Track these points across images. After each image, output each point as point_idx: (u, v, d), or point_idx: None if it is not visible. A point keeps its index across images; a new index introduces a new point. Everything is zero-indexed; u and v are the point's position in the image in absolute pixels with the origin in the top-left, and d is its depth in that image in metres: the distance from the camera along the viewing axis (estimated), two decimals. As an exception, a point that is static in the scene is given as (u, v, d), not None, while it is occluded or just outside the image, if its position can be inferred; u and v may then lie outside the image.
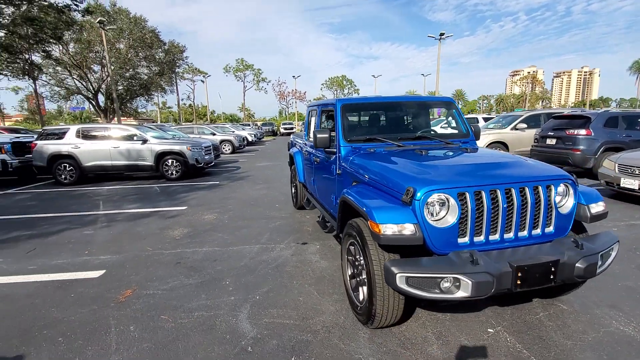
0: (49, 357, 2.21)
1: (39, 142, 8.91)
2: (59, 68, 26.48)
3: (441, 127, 3.87)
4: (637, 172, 5.32)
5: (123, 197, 7.27)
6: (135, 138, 9.06)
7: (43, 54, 20.08)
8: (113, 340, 2.38)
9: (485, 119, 13.15)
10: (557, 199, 2.28)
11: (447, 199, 2.08)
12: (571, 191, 2.32)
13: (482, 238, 2.15)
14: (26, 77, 19.42)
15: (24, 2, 16.15)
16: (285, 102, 52.80)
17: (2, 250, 4.18)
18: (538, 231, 2.25)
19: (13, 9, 16.11)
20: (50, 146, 8.83)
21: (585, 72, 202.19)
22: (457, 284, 1.89)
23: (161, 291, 3.09)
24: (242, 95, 48.86)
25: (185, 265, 3.64)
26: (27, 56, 18.70)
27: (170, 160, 9.11)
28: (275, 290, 3.04)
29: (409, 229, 2.03)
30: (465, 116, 16.00)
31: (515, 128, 9.68)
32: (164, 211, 5.97)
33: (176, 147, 9.11)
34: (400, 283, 1.92)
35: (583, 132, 7.32)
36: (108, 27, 23.52)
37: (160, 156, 9.08)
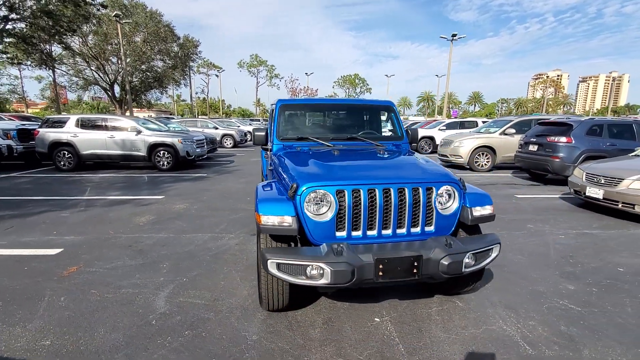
0: (-19, 318, 2.53)
1: (41, 130, 9.47)
2: (78, 59, 27.58)
3: (388, 129, 4.02)
4: (602, 182, 5.32)
5: (111, 185, 7.70)
6: (129, 129, 9.50)
7: (62, 45, 21.03)
8: (41, 308, 2.69)
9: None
10: (441, 200, 2.43)
11: (326, 195, 2.27)
12: (456, 194, 2.47)
13: (359, 233, 2.33)
14: (44, 67, 20.33)
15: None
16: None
17: (-18, 227, 4.59)
18: (417, 229, 2.41)
19: (33, 2, 16.96)
20: (51, 134, 9.37)
21: (613, 77, 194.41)
22: (321, 271, 2.09)
23: (103, 269, 3.39)
24: (255, 91, 49.44)
25: (135, 248, 3.94)
26: (44, 47, 19.58)
27: (162, 152, 9.51)
28: (203, 275, 3.29)
29: (287, 221, 2.23)
30: (467, 119, 15.83)
31: (504, 133, 9.62)
32: (141, 199, 6.32)
33: (168, 139, 9.51)
34: (272, 268, 2.13)
35: (564, 139, 7.27)
36: (124, 21, 24.31)
37: (153, 147, 9.49)
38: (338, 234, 2.31)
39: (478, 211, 2.49)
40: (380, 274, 2.13)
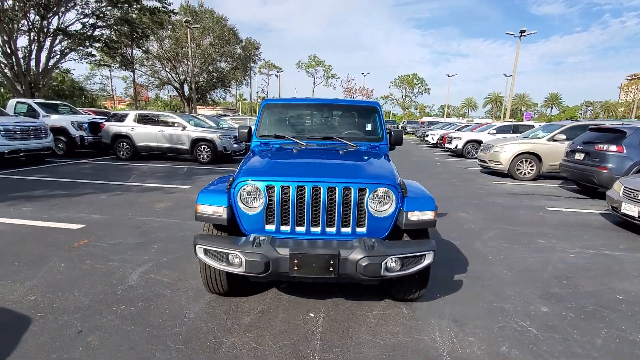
0: (0, 269, 3.13)
1: (107, 123, 10.90)
2: (156, 61, 30.94)
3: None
4: (639, 198, 4.61)
5: (153, 174, 8.62)
6: (176, 125, 10.49)
7: (142, 49, 23.80)
8: (43, 270, 3.22)
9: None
10: (374, 202, 2.40)
11: (257, 190, 2.39)
12: (392, 197, 2.42)
13: (287, 228, 2.41)
14: (124, 68, 23.18)
15: (125, 5, 19.36)
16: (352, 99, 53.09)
17: (38, 202, 5.53)
18: (348, 230, 2.41)
19: (117, 11, 19.43)
20: (114, 127, 10.74)
21: None
22: (240, 260, 2.23)
23: (105, 245, 3.90)
24: (312, 91, 50.51)
25: (141, 230, 4.44)
26: (125, 51, 22.31)
27: (203, 146, 10.35)
28: (183, 257, 3.62)
29: (218, 211, 2.41)
30: (522, 123, 14.51)
31: (553, 139, 8.68)
32: (170, 188, 7.00)
33: (208, 135, 10.31)
34: (200, 253, 2.33)
35: (614, 148, 6.36)
36: (193, 26, 26.63)
37: (195, 142, 10.37)
38: (267, 227, 2.42)
39: (416, 215, 2.40)
40: (295, 268, 2.20)
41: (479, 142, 13.88)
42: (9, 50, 17.77)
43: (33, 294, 2.79)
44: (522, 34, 24.24)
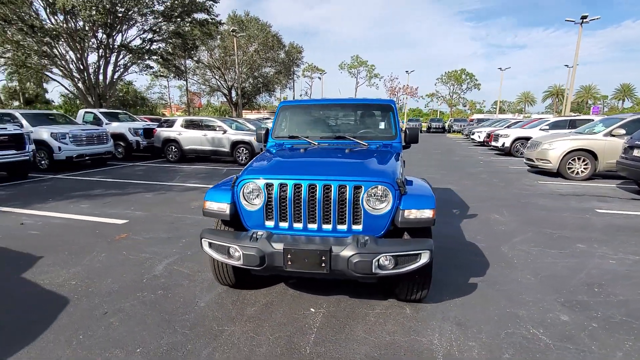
0: (52, 257, 3.61)
1: (158, 129, 11.89)
2: (207, 70, 32.99)
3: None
4: None
5: (195, 175, 9.24)
6: (217, 129, 11.13)
7: (194, 59, 25.56)
8: (86, 259, 3.65)
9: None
10: (370, 200, 2.40)
11: (258, 187, 2.52)
12: (389, 195, 2.40)
13: (286, 224, 2.51)
14: (177, 77, 25.05)
15: (178, 19, 20.96)
16: (396, 98, 51.90)
17: (94, 200, 6.24)
18: (344, 227, 2.44)
19: (171, 26, 21.09)
20: (164, 132, 11.68)
21: None
22: (239, 253, 2.37)
23: (141, 238, 4.31)
24: (355, 91, 50.32)
25: (175, 225, 4.82)
26: (177, 62, 24.10)
27: (241, 148, 10.86)
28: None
29: (222, 207, 2.58)
30: (580, 117, 13.13)
31: (610, 134, 7.81)
32: (208, 187, 7.44)
33: (246, 138, 10.79)
34: (205, 246, 2.51)
35: (682, 143, 5.58)
36: (239, 35, 27.99)
37: (235, 144, 10.92)
38: (267, 223, 2.54)
39: (413, 214, 2.37)
40: (289, 263, 2.29)
41: (529, 140, 12.89)
42: (81, 66, 20.09)
43: (74, 279, 3.19)
44: (584, 20, 22.00)
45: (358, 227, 2.44)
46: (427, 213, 2.38)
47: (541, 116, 28.36)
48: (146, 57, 21.07)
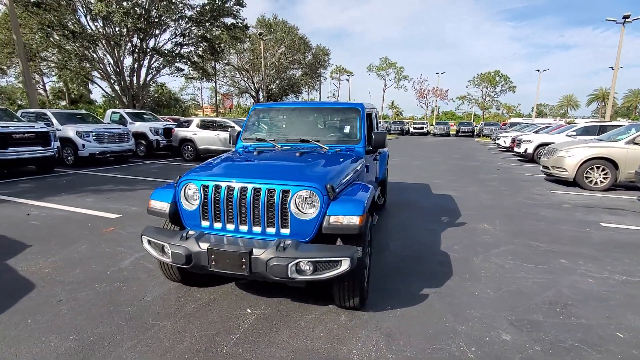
0: (40, 246, 3.91)
1: (176, 129, 12.43)
2: (236, 72, 34.01)
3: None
4: None
5: (204, 174, 9.56)
6: (229, 129, 11.43)
7: (223, 62, 26.47)
8: (68, 250, 3.91)
9: None
10: (298, 204, 2.40)
11: (196, 188, 2.60)
12: (317, 200, 2.39)
13: (219, 225, 2.56)
14: (205, 80, 26.03)
15: (207, 24, 21.80)
16: (425, 101, 50.56)
17: (100, 194, 6.65)
18: (273, 230, 2.45)
19: (199, 30, 21.98)
20: (181, 132, 12.20)
21: None
22: (169, 251, 2.45)
23: (126, 233, 4.54)
24: (382, 93, 49.66)
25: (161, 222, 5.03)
26: (204, 65, 25.05)
27: (252, 149, 11.10)
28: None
29: (163, 206, 2.68)
30: (611, 122, 12.12)
31: (633, 142, 7.17)
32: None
33: (257, 139, 11.01)
34: (145, 243, 2.62)
35: None
36: (266, 38, 28.61)
37: (245, 145, 11.17)
38: (203, 223, 2.61)
39: (339, 220, 2.34)
40: (213, 263, 2.34)
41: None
42: (117, 69, 21.41)
43: (49, 268, 3.44)
44: (627, 20, 20.30)
45: (286, 231, 2.44)
46: (354, 220, 2.34)
47: (587, 121, 26.53)
48: (176, 60, 22.09)
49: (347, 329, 2.49)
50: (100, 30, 19.76)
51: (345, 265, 2.22)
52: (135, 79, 22.26)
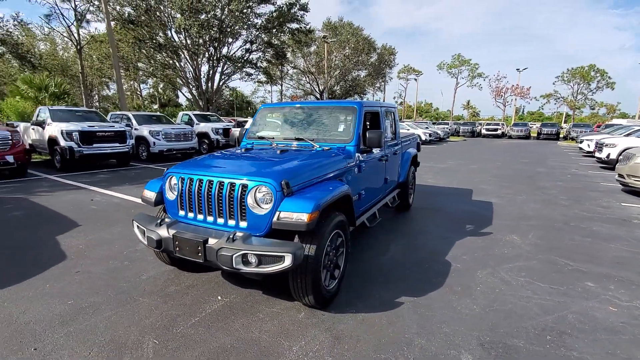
0: (86, 226, 4.63)
1: (232, 129, 13.40)
2: (301, 75, 35.24)
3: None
4: None
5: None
6: (239, 129, 11.97)
7: (291, 65, 27.69)
8: (106, 231, 4.57)
9: None
10: (254, 199, 2.48)
11: (175, 181, 2.85)
12: (271, 196, 2.44)
13: (192, 215, 2.77)
14: (270, 83, 27.48)
15: (274, 30, 23.04)
16: (502, 100, 45.75)
17: (134, 184, 7.53)
18: (233, 222, 2.57)
19: (265, 36, 23.32)
20: (236, 132, 13.10)
21: None
22: (145, 235, 2.74)
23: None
24: (454, 92, 46.50)
25: (189, 212, 5.54)
26: (269, 69, 26.44)
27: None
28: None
29: (151, 196, 3.00)
30: None
31: None
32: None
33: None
34: (135, 227, 2.96)
35: None
36: (330, 40, 29.08)
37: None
38: (180, 212, 2.85)
39: (287, 216, 2.36)
40: (177, 249, 2.56)
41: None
42: (195, 76, 23.81)
43: (83, 245, 4.07)
44: None
45: (244, 224, 2.54)
46: (303, 217, 2.34)
47: None
48: (245, 66, 23.76)
49: (299, 326, 2.50)
50: (182, 41, 22.21)
51: (288, 261, 2.24)
52: (209, 84, 24.53)
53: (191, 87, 24.63)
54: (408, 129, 21.79)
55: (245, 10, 21.46)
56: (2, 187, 7.12)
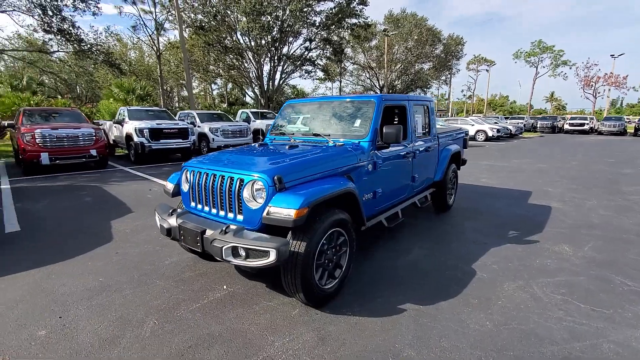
0: (138, 213, 5.19)
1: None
2: (360, 71, 34.84)
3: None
4: None
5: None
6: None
7: (351, 61, 27.62)
8: (145, 214, 5.06)
9: None
10: (249, 193, 2.53)
11: (189, 174, 3.03)
12: (264, 191, 2.46)
13: (200, 207, 2.91)
14: (327, 80, 27.63)
15: (333, 27, 23.15)
16: (592, 90, 39.43)
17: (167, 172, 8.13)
18: (231, 215, 2.65)
19: (325, 33, 23.51)
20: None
21: None
22: (159, 224, 2.97)
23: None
24: (532, 83, 41.53)
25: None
26: (323, 66, 26.58)
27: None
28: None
29: (170, 187, 3.23)
30: None
31: None
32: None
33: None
34: (156, 215, 3.22)
35: None
36: (391, 33, 28.18)
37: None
38: (192, 204, 3.02)
39: (276, 211, 2.36)
40: (182, 238, 2.73)
41: None
42: (258, 75, 25.03)
43: (130, 229, 4.55)
44: None
45: (240, 217, 2.61)
46: (290, 213, 2.32)
47: None
48: (303, 64, 24.30)
49: (289, 322, 2.49)
50: (247, 43, 23.48)
51: (272, 256, 2.25)
52: (270, 83, 25.60)
53: (254, 85, 25.96)
54: (472, 124, 20.26)
55: (305, 9, 21.88)
56: (84, 177, 8.30)
